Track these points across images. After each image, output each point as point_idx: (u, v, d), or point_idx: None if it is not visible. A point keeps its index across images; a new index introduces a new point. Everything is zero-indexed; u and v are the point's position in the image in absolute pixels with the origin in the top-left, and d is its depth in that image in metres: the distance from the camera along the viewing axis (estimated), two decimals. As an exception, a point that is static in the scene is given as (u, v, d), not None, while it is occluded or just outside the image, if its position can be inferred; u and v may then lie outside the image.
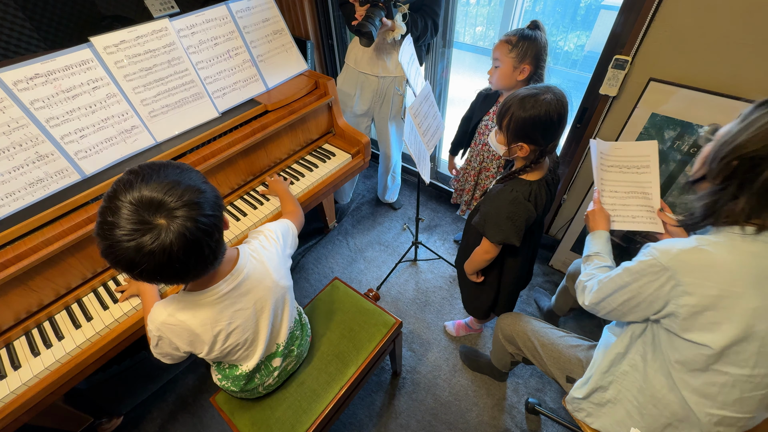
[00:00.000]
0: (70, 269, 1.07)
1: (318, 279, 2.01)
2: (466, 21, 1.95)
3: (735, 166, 0.70)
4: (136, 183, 0.60)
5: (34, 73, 0.99)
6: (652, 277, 0.77)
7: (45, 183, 1.04)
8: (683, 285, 0.73)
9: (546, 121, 0.92)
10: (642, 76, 1.28)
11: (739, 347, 0.71)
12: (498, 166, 1.51)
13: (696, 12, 1.10)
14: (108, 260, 0.61)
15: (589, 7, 1.74)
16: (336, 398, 1.11)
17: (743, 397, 0.75)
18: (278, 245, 0.94)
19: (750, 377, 0.73)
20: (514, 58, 1.24)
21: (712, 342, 0.72)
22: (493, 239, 1.08)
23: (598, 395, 0.97)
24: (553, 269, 1.96)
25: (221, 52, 1.31)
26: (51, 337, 1.03)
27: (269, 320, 0.90)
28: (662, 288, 0.76)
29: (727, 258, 0.70)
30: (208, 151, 1.25)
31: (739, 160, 0.69)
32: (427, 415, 1.50)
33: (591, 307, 0.94)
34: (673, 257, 0.74)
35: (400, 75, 1.74)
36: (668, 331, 0.80)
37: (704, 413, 0.79)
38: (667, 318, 0.79)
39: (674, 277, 0.74)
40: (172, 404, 1.56)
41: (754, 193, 0.68)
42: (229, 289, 0.79)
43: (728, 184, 0.72)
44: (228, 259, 0.80)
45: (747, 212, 0.70)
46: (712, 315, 0.71)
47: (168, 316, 0.78)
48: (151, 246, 0.58)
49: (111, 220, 0.58)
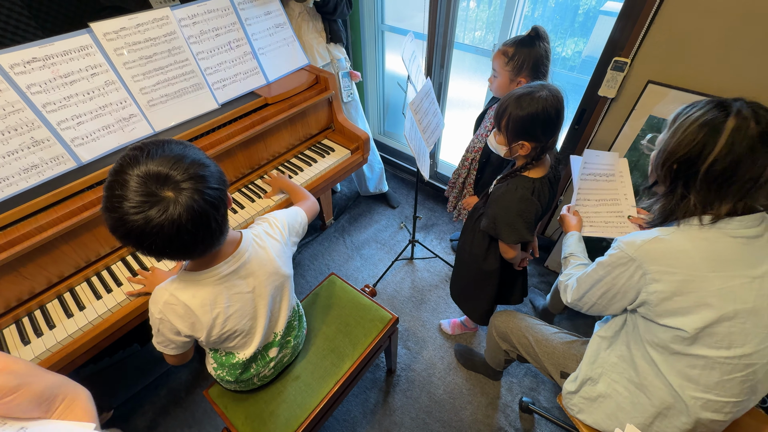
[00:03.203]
0: (64, 257, 1.05)
1: (314, 276, 2.00)
2: (465, 25, 1.96)
3: (675, 169, 0.78)
4: (141, 158, 0.61)
5: (32, 57, 0.98)
6: (622, 268, 0.82)
7: (40, 169, 1.02)
8: (650, 273, 0.78)
9: (544, 117, 0.93)
10: (640, 78, 1.29)
11: (712, 329, 0.75)
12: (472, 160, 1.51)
13: (694, 16, 1.11)
14: (117, 235, 0.61)
15: (588, 13, 1.75)
16: (331, 393, 1.10)
17: (723, 380, 0.77)
18: (283, 233, 0.94)
19: (727, 359, 0.76)
20: (510, 71, 1.22)
21: (685, 325, 0.76)
22: (509, 240, 1.08)
23: (589, 388, 0.98)
24: (548, 270, 1.97)
25: (222, 43, 1.30)
26: (42, 326, 1.01)
27: (268, 307, 0.89)
28: (632, 278, 0.81)
29: (686, 245, 0.75)
30: (207, 142, 1.24)
31: (677, 163, 0.77)
32: (422, 412, 1.50)
33: (574, 304, 0.98)
34: (637, 248, 0.79)
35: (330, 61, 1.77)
36: (645, 319, 0.84)
37: (689, 396, 0.81)
38: (642, 306, 0.83)
39: (641, 266, 0.79)
40: (165, 398, 1.54)
41: (699, 189, 0.75)
42: (229, 271, 0.79)
43: (675, 185, 0.79)
44: (231, 240, 0.80)
45: (700, 207, 0.76)
46: (682, 300, 0.76)
47: (170, 296, 0.77)
48: (159, 218, 0.59)
49: (119, 194, 0.58)
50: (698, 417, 0.81)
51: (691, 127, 0.73)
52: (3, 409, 0.35)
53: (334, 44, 1.77)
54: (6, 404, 0.35)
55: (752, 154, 0.68)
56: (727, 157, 0.70)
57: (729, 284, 0.73)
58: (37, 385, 0.37)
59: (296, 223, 1.01)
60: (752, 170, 0.70)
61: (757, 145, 0.68)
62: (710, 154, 0.71)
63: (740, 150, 0.69)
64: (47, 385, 0.38)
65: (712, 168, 0.72)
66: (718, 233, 0.74)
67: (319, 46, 1.71)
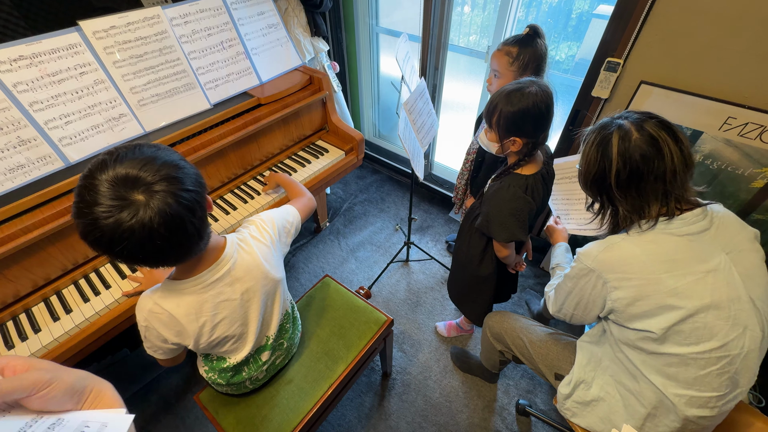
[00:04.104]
0: (50, 259, 1.03)
1: (308, 278, 1.98)
2: (460, 30, 1.97)
3: (594, 188, 0.85)
4: (110, 162, 0.58)
5: (18, 55, 0.96)
6: (584, 279, 0.86)
7: (26, 169, 1.00)
8: (609, 281, 0.81)
9: (535, 112, 0.93)
10: (633, 78, 1.30)
11: (678, 327, 0.76)
12: None
13: (686, 18, 1.12)
14: (88, 241, 0.58)
15: (581, 16, 1.76)
16: (324, 397, 1.08)
17: (700, 375, 0.78)
18: (272, 236, 0.91)
19: (699, 354, 0.76)
20: (515, 71, 1.22)
21: (652, 326, 0.78)
22: (500, 238, 1.08)
23: (582, 392, 0.98)
24: (544, 271, 1.97)
25: (215, 42, 1.29)
26: (27, 330, 0.98)
27: (260, 312, 0.87)
28: (595, 287, 0.84)
29: (636, 250, 0.78)
30: (199, 142, 1.23)
31: (592, 182, 0.84)
32: (417, 416, 1.48)
33: (556, 315, 1.00)
34: (593, 258, 0.83)
35: (315, 55, 1.81)
36: (617, 324, 0.86)
37: (672, 394, 0.81)
38: (611, 314, 0.86)
39: (601, 276, 0.82)
40: (155, 405, 1.51)
41: (620, 198, 0.80)
42: (214, 279, 0.77)
43: (602, 200, 0.86)
44: (214, 246, 0.78)
45: (632, 213, 0.80)
46: (643, 303, 0.78)
47: (153, 304, 0.75)
48: (129, 222, 0.57)
49: (88, 199, 0.56)
50: (685, 414, 0.81)
51: (591, 150, 0.82)
52: (40, 403, 0.36)
53: (318, 37, 1.81)
54: (42, 398, 0.36)
55: (644, 158, 0.75)
56: (626, 166, 0.77)
57: (683, 282, 0.75)
58: (68, 378, 0.38)
59: (287, 222, 0.98)
60: (653, 170, 0.75)
61: (645, 149, 0.75)
62: (611, 167, 0.78)
63: (633, 156, 0.76)
64: (76, 378, 0.39)
65: (619, 179, 0.78)
66: (663, 235, 0.77)
67: (305, 40, 1.74)
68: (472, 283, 1.33)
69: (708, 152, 1.24)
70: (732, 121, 1.15)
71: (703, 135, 1.22)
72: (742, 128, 1.15)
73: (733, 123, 1.16)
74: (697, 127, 1.22)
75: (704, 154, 1.25)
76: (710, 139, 1.22)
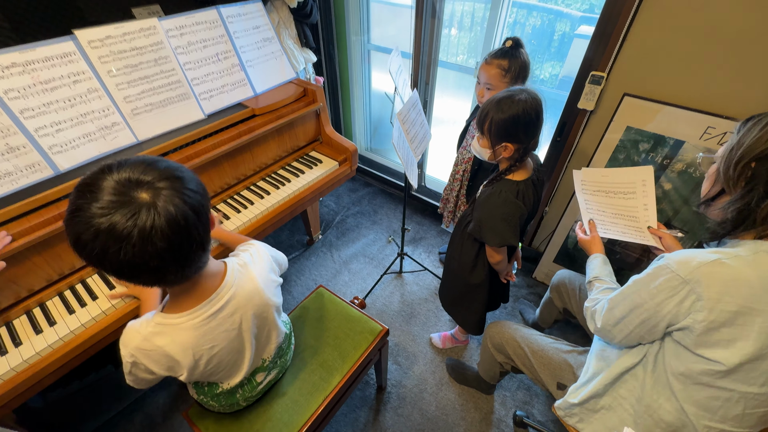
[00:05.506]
0: (35, 269, 1.00)
1: (301, 291, 1.95)
2: (448, 50, 2.05)
3: (753, 167, 0.70)
4: (114, 167, 0.56)
5: (11, 62, 0.95)
6: (670, 292, 0.73)
7: (14, 177, 0.98)
8: (703, 300, 0.69)
9: (525, 119, 0.96)
10: (617, 91, 1.35)
11: (752, 365, 0.69)
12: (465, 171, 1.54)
13: (663, 34, 1.19)
14: (79, 246, 0.53)
15: (563, 38, 1.85)
16: (319, 410, 1.05)
17: (745, 413, 0.74)
18: (270, 263, 0.88)
19: (757, 395, 0.72)
20: (507, 82, 1.26)
21: (724, 359, 0.70)
22: (492, 243, 1.08)
23: (593, 402, 0.95)
24: (536, 281, 1.98)
25: (210, 54, 1.31)
26: (7, 343, 0.94)
27: (257, 338, 0.84)
28: (682, 304, 0.72)
29: (750, 273, 0.67)
30: (192, 151, 1.23)
31: (756, 161, 0.69)
32: (414, 430, 1.44)
33: (604, 331, 0.88)
34: (693, 270, 0.70)
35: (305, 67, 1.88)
36: (677, 344, 0.77)
37: (702, 425, 0.77)
38: (680, 331, 0.75)
39: (695, 290, 0.70)
40: (140, 425, 1.44)
41: None
42: (214, 311, 0.72)
43: (753, 186, 0.70)
44: (214, 272, 0.74)
45: None
46: (728, 332, 0.69)
47: (143, 340, 0.69)
48: (132, 225, 0.53)
49: (89, 197, 0.53)
50: None
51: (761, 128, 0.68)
52: None
53: (307, 48, 1.86)
54: None
55: None
56: None
57: None
58: None
59: (278, 255, 0.95)
60: None
61: None
62: None
63: None
64: None
65: None
66: None
67: (296, 51, 1.78)
68: (464, 290, 1.33)
69: (690, 161, 1.29)
70: (711, 130, 1.21)
71: (685, 144, 1.27)
72: (721, 137, 1.20)
73: (712, 132, 1.21)
74: (679, 137, 1.28)
75: (686, 162, 1.30)
76: (692, 148, 1.27)
